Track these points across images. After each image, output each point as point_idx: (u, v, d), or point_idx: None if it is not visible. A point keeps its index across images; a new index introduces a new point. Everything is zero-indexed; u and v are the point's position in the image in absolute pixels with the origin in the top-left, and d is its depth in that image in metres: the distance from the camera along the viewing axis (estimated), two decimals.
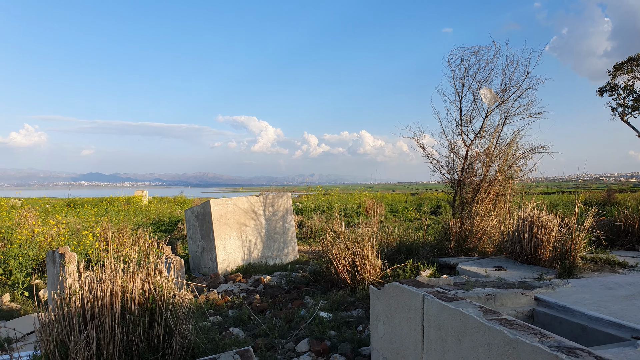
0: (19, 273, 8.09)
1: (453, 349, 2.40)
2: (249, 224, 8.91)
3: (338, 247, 6.04)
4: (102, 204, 19.83)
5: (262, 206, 9.09)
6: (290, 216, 9.40)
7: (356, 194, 19.48)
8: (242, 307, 5.80)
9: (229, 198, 8.94)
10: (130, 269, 4.02)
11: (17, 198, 21.67)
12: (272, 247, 9.11)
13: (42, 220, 11.48)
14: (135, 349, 3.79)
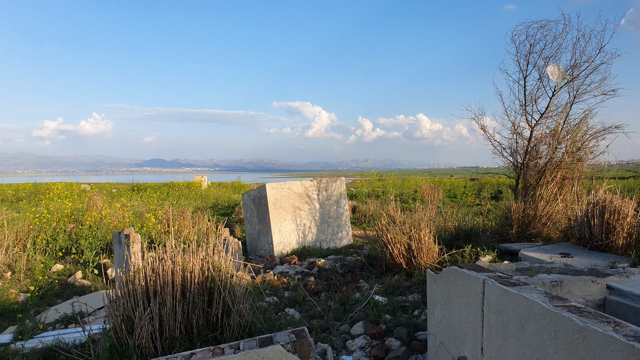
0: (89, 252, 8.60)
1: (515, 336, 2.29)
2: (303, 208, 8.97)
3: (393, 231, 5.94)
4: (163, 189, 20.68)
5: (316, 190, 9.11)
6: (344, 200, 9.37)
7: (412, 179, 19.12)
8: (298, 289, 5.86)
9: (283, 182, 9.03)
10: (190, 249, 4.14)
11: (87, 183, 23.02)
12: (326, 231, 9.14)
13: (109, 203, 12.12)
14: (195, 326, 3.91)
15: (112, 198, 15.28)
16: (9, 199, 17.21)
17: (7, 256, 8.17)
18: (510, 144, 8.80)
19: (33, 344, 4.82)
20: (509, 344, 2.34)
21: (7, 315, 6.25)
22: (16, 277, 7.67)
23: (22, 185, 20.16)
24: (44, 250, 8.87)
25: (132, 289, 3.91)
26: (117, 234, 7.29)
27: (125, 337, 3.78)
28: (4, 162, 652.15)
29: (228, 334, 3.99)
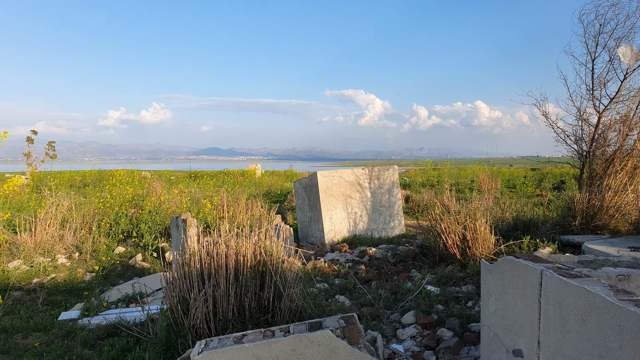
0: (148, 236, 8.99)
1: (575, 330, 2.17)
2: (355, 197, 8.93)
3: (447, 221, 5.80)
4: (219, 176, 21.24)
5: (368, 179, 9.04)
6: (396, 189, 9.25)
7: (469, 168, 18.57)
8: (348, 277, 5.85)
9: (334, 170, 9.03)
10: (243, 233, 4.22)
11: (147, 170, 24.04)
12: (377, 220, 9.06)
13: (168, 189, 12.60)
14: (247, 308, 4.00)
15: (171, 185, 15.88)
16: (76, 185, 18.28)
17: (75, 238, 8.69)
18: (574, 131, 8.33)
19: (98, 320, 5.12)
20: (569, 338, 2.22)
21: (75, 293, 6.66)
22: (83, 258, 8.14)
23: (88, 172, 21.34)
24: (107, 233, 9.36)
25: (187, 271, 4.04)
26: (175, 219, 7.57)
27: (181, 317, 3.92)
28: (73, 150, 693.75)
29: (279, 318, 4.05)
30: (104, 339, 4.54)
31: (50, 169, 19.30)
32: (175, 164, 43.18)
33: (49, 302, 6.24)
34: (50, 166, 19.87)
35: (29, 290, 6.60)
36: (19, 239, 8.04)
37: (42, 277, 7.06)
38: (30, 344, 4.52)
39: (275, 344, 2.88)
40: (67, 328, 4.93)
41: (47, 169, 20.03)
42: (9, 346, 4.48)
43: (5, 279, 6.83)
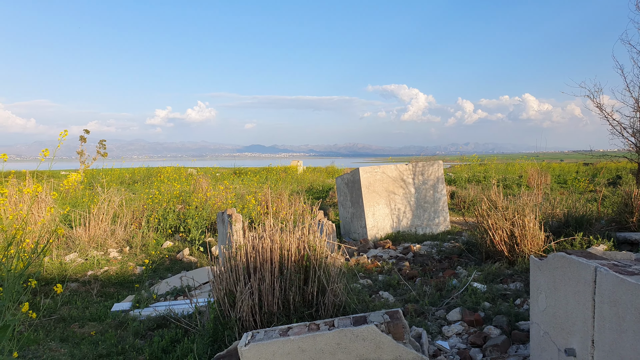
0: (195, 231, 9.23)
1: (633, 329, 2.07)
2: (398, 192, 8.84)
3: (495, 217, 5.65)
4: (262, 173, 21.55)
5: (412, 174, 8.93)
6: (441, 185, 9.09)
7: (517, 163, 17.99)
8: (392, 273, 5.81)
9: (377, 166, 8.96)
10: (287, 228, 4.26)
11: (193, 167, 24.68)
12: (421, 217, 8.94)
13: (213, 186, 12.89)
14: (291, 302, 4.05)
15: (216, 181, 16.24)
16: (126, 182, 18.99)
17: (126, 232, 9.03)
18: (632, 123, 7.92)
19: (148, 312, 5.30)
20: (625, 337, 2.12)
21: (126, 286, 6.93)
22: (133, 252, 8.45)
23: (137, 169, 22.11)
24: (156, 228, 9.68)
25: (234, 264, 4.13)
26: (221, 214, 7.73)
27: (228, 309, 4.01)
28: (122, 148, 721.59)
29: (323, 312, 4.08)
30: (153, 329, 4.70)
31: (102, 166, 20.14)
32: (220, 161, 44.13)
33: (102, 294, 6.52)
34: (101, 164, 20.73)
35: (84, 282, 6.92)
36: (74, 233, 8.44)
37: (95, 270, 7.38)
38: (87, 332, 4.74)
39: (320, 338, 2.90)
40: (120, 319, 5.14)
41: (99, 166, 20.90)
42: (67, 334, 4.72)
43: (63, 271, 7.18)
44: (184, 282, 6.45)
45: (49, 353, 3.98)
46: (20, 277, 2.30)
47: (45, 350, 4.08)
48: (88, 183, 16.05)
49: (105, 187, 10.97)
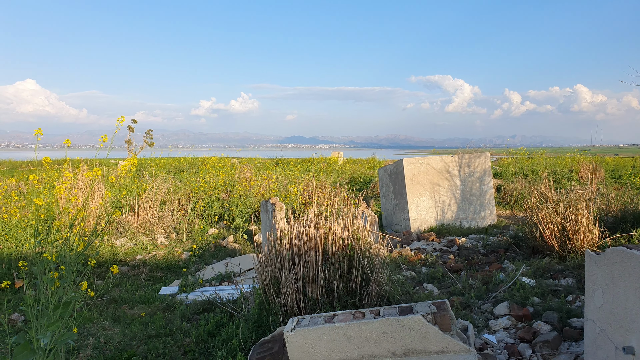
0: (239, 219, 9.40)
1: None
2: (443, 185, 8.68)
3: (545, 210, 5.46)
4: (303, 164, 21.64)
5: (457, 166, 8.74)
6: (488, 178, 8.86)
7: (567, 157, 17.28)
8: (436, 265, 5.73)
9: (421, 157, 8.82)
10: (331, 217, 4.27)
11: (236, 157, 25.08)
12: (467, 210, 8.75)
13: (256, 175, 13.06)
14: (335, 290, 4.05)
15: (258, 171, 16.46)
16: (172, 170, 19.52)
17: (173, 219, 9.29)
18: None
19: (194, 296, 5.44)
20: None
21: (173, 270, 7.14)
22: (180, 238, 8.70)
23: (182, 159, 22.69)
24: (201, 215, 9.92)
25: (279, 251, 4.17)
26: (264, 203, 7.83)
27: (273, 295, 4.06)
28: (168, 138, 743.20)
29: (366, 302, 4.07)
30: (199, 313, 4.82)
31: (149, 155, 20.77)
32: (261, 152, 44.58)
33: (150, 278, 6.75)
34: (148, 153, 21.38)
35: (133, 265, 7.18)
36: (124, 219, 8.76)
37: (144, 255, 7.64)
38: (136, 314, 4.92)
39: (365, 325, 2.89)
40: (167, 302, 5.30)
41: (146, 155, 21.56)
42: (118, 314, 4.91)
43: (114, 255, 7.48)
44: (229, 268, 6.58)
45: (103, 331, 4.15)
46: (80, 256, 2.40)
47: (100, 328, 4.26)
48: (136, 171, 16.62)
49: (154, 175, 11.31)
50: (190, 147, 38.95)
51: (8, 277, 6.18)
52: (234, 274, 6.34)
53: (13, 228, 7.42)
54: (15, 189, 9.90)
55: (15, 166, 23.47)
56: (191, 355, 3.75)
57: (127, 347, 3.78)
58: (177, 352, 3.76)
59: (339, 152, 25.44)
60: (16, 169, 21.42)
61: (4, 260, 6.80)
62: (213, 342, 3.88)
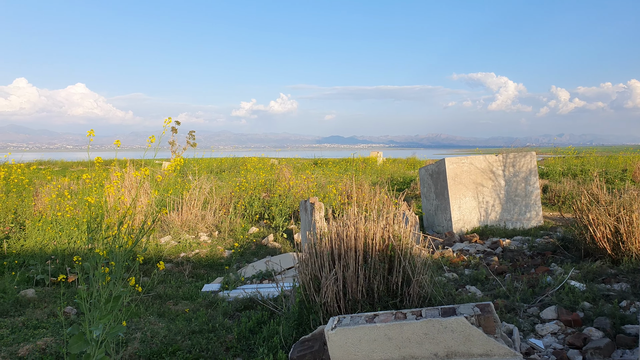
0: (279, 218, 9.49)
1: None
2: (486, 185, 8.47)
3: (596, 212, 5.23)
4: (342, 163, 21.63)
5: (502, 166, 8.51)
6: (534, 178, 8.58)
7: (620, 156, 16.48)
8: (479, 267, 5.59)
9: (464, 157, 8.64)
10: (371, 217, 4.24)
11: (275, 158, 25.35)
12: (511, 210, 8.51)
13: (295, 175, 13.16)
14: (375, 291, 4.03)
15: (297, 171, 16.58)
16: (214, 170, 19.93)
17: (215, 218, 9.49)
18: None
19: (236, 293, 5.54)
20: None
21: (215, 268, 7.29)
22: (222, 236, 8.87)
23: (224, 159, 23.12)
24: (242, 214, 10.08)
25: (319, 250, 4.18)
26: (304, 202, 7.88)
27: (313, 294, 4.07)
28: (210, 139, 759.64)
29: (407, 303, 4.02)
30: (241, 310, 4.90)
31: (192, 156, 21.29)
32: (300, 152, 44.90)
33: (193, 275, 6.91)
34: (191, 153, 21.91)
35: (177, 262, 7.38)
36: (168, 218, 9.01)
37: (187, 252, 7.84)
38: (180, 310, 5.05)
39: (407, 326, 2.86)
40: (210, 299, 5.41)
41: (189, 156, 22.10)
42: (163, 310, 5.06)
43: (159, 252, 7.71)
44: (269, 267, 6.66)
45: (149, 326, 4.28)
46: (129, 253, 2.49)
47: (146, 323, 4.40)
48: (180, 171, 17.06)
49: (197, 174, 11.58)
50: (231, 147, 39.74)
51: (62, 271, 6.48)
52: (275, 272, 6.41)
53: (66, 225, 7.77)
54: (67, 188, 10.36)
55: (67, 166, 24.56)
56: (233, 352, 3.81)
57: (172, 342, 3.88)
58: (220, 348, 3.83)
59: (378, 152, 25.27)
60: (67, 169, 22.42)
61: (57, 255, 7.14)
62: (254, 339, 3.93)
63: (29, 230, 7.86)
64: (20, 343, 3.81)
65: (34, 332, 4.14)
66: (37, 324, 4.42)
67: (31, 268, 6.52)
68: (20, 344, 3.79)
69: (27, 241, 7.64)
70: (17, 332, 4.14)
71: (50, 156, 28.56)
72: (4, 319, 4.63)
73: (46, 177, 11.31)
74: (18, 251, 7.41)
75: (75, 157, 30.30)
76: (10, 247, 7.59)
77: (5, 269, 6.54)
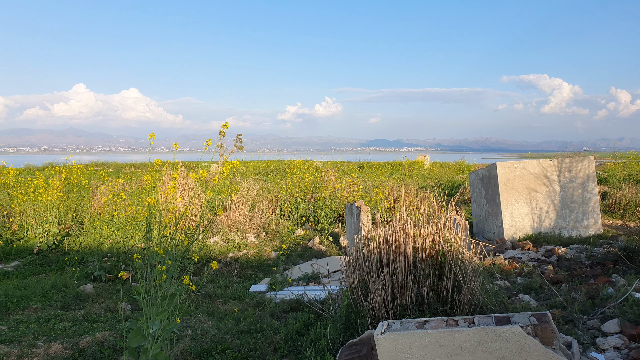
0: (324, 221, 9.51)
1: None
2: (540, 190, 8.16)
3: None
4: (387, 167, 21.43)
5: (557, 171, 8.17)
6: (592, 184, 8.18)
7: None
8: (533, 276, 5.39)
9: (516, 161, 8.37)
10: (421, 222, 4.18)
11: (319, 161, 25.44)
12: (567, 218, 8.15)
13: (340, 178, 13.16)
14: (425, 297, 3.96)
15: (342, 174, 16.57)
16: (260, 173, 20.24)
17: (262, 220, 9.62)
18: None
19: (282, 295, 5.58)
20: None
21: (262, 269, 7.38)
22: (268, 238, 8.98)
23: (270, 162, 23.43)
24: (288, 216, 10.17)
25: (366, 254, 4.16)
26: (349, 206, 7.86)
27: (360, 298, 4.04)
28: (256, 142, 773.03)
29: (458, 310, 3.92)
30: (287, 312, 4.93)
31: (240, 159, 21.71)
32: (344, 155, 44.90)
33: (241, 275, 7.03)
34: (238, 156, 22.35)
35: (225, 263, 7.53)
36: (217, 218, 9.22)
37: (235, 253, 7.98)
38: (229, 309, 5.14)
39: (459, 334, 2.79)
40: (257, 299, 5.48)
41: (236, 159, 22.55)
42: (212, 309, 5.16)
43: (208, 252, 7.89)
44: (315, 269, 6.67)
45: (200, 324, 4.38)
46: (185, 252, 2.56)
47: (196, 321, 4.50)
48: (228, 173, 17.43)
49: (245, 177, 11.80)
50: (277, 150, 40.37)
51: (117, 268, 6.76)
52: (321, 275, 6.42)
53: (121, 224, 8.09)
54: (122, 189, 10.80)
55: (120, 168, 25.61)
56: (281, 352, 3.84)
57: (221, 341, 3.95)
58: (268, 348, 3.87)
59: (425, 155, 24.87)
60: (121, 170, 23.37)
61: (113, 253, 7.44)
62: (301, 341, 3.95)
63: (87, 228, 8.25)
64: (81, 335, 4.00)
65: (93, 326, 4.33)
66: (95, 318, 4.62)
67: (89, 264, 6.83)
68: (81, 336, 3.98)
69: (85, 239, 8.02)
70: (77, 325, 4.34)
71: (105, 158, 29.87)
72: (66, 312, 4.88)
73: (103, 178, 11.85)
74: (77, 248, 7.79)
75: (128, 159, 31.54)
76: (71, 244, 7.99)
77: (67, 265, 6.88)
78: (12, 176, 9.77)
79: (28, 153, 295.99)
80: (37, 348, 3.69)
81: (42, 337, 3.98)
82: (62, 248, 8.02)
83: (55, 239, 8.10)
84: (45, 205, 8.37)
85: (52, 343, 3.80)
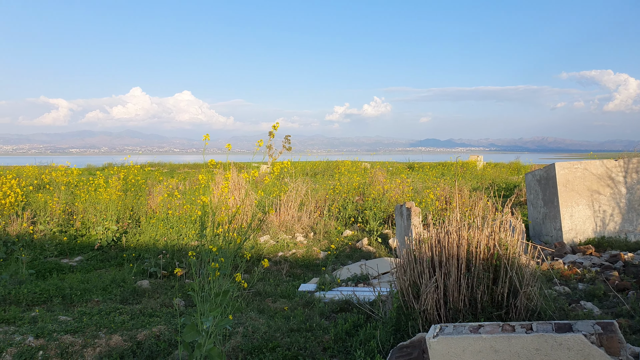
0: (373, 222, 9.43)
1: None
2: (603, 192, 7.73)
3: None
4: (438, 167, 20.99)
5: (623, 172, 7.70)
6: None
7: None
8: (596, 282, 5.11)
9: (577, 162, 7.96)
10: (475, 224, 4.06)
11: (367, 161, 25.25)
12: (634, 221, 7.67)
13: (389, 179, 13.01)
14: (479, 301, 3.84)
15: (391, 175, 16.38)
16: (308, 174, 20.36)
17: (310, 220, 9.67)
18: None
19: (331, 295, 5.57)
20: None
21: (311, 268, 7.41)
22: (317, 238, 9.00)
23: (317, 163, 23.51)
24: (336, 217, 10.16)
25: (418, 257, 4.08)
26: (399, 207, 7.75)
27: (412, 301, 3.97)
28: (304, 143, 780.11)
29: (514, 315, 3.78)
30: (336, 312, 4.92)
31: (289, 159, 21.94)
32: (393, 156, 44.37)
33: (290, 274, 7.08)
34: (288, 157, 22.57)
35: (275, 261, 7.61)
36: (267, 218, 9.35)
37: (285, 252, 8.06)
38: (279, 307, 5.18)
39: (515, 340, 2.68)
40: (306, 298, 5.50)
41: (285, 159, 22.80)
42: (263, 307, 5.23)
43: (259, 251, 8.01)
44: (364, 270, 6.63)
45: (250, 321, 4.44)
46: (238, 249, 2.60)
47: (247, 318, 4.57)
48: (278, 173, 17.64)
49: (294, 177, 11.90)
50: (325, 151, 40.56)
51: (171, 265, 6.98)
52: (370, 276, 6.36)
53: (175, 223, 8.36)
54: (177, 188, 11.16)
55: (174, 168, 26.47)
56: (330, 352, 3.83)
57: (271, 338, 3.99)
58: (317, 348, 3.87)
59: (478, 156, 24.16)
60: (175, 171, 24.16)
61: (167, 250, 7.70)
62: (351, 342, 3.92)
63: (144, 226, 8.58)
64: (139, 329, 4.16)
65: (149, 320, 4.49)
66: (152, 313, 4.79)
67: (145, 261, 7.10)
68: (139, 329, 4.13)
69: (141, 236, 8.35)
70: (135, 319, 4.51)
71: (160, 158, 30.93)
72: (125, 306, 5.09)
73: (158, 178, 12.29)
74: (134, 245, 8.12)
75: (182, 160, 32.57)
76: (128, 241, 8.34)
77: (125, 261, 7.18)
78: (76, 176, 10.33)
79: (89, 154, 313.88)
80: (99, 339, 3.87)
81: (103, 328, 4.17)
82: (120, 245, 8.38)
83: (114, 236, 8.48)
84: (105, 203, 8.78)
85: (113, 335, 3.97)
